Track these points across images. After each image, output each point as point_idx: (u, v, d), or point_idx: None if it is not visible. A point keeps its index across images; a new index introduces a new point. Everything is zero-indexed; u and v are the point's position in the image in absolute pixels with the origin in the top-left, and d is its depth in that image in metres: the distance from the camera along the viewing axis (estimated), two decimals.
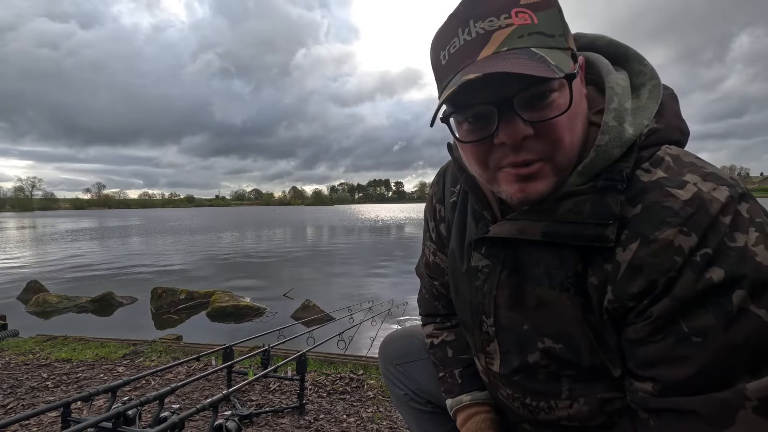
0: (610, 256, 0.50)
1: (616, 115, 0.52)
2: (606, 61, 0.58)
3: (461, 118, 0.53)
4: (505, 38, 0.48)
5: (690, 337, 0.45)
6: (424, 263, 0.88)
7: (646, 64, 0.57)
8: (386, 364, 0.98)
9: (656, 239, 0.46)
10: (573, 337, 0.56)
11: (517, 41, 0.48)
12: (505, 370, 0.65)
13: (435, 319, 0.88)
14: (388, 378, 0.97)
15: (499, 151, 0.52)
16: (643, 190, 0.49)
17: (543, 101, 0.49)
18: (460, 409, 0.77)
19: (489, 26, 0.48)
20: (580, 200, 0.51)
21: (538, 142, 0.50)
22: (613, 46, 0.60)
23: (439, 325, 0.87)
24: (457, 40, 0.50)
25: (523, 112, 0.49)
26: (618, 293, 0.50)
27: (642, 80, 0.57)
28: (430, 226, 0.82)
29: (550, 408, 0.62)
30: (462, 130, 0.55)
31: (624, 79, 0.56)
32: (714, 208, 0.44)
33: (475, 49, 0.49)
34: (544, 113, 0.49)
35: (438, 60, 0.54)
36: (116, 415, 1.12)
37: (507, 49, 0.47)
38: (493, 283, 0.62)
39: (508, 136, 0.50)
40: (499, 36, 0.48)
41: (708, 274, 0.43)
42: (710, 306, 0.43)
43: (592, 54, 0.60)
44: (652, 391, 0.49)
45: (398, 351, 0.97)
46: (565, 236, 0.52)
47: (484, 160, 0.54)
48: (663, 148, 0.52)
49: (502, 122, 0.50)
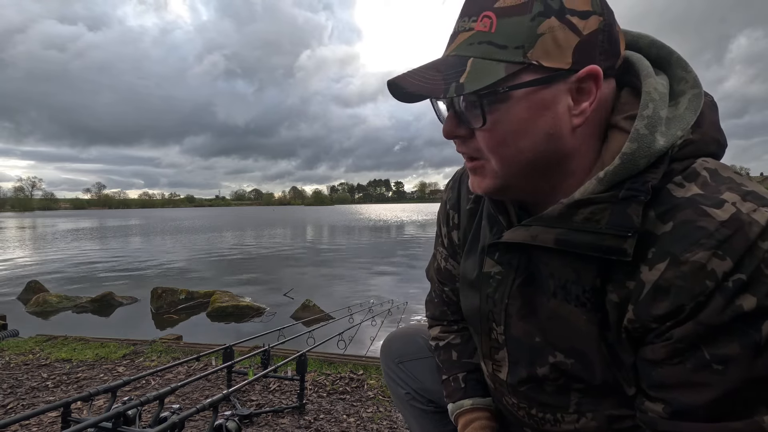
0: (633, 274, 0.47)
1: (649, 123, 0.48)
2: (647, 63, 0.53)
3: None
4: (460, 43, 0.49)
5: (711, 365, 0.43)
6: (435, 268, 0.86)
7: (690, 70, 0.53)
8: (388, 362, 0.97)
9: (687, 261, 0.43)
10: (586, 354, 0.54)
11: (466, 48, 0.49)
12: (513, 379, 0.64)
13: (442, 323, 0.87)
14: (390, 377, 0.96)
15: None
16: (676, 207, 0.45)
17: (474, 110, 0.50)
18: (461, 413, 0.76)
19: (461, 26, 0.50)
20: (599, 209, 0.48)
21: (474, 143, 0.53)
22: (656, 47, 0.56)
23: (446, 327, 0.86)
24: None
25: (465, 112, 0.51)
26: (640, 313, 0.47)
27: (683, 88, 0.53)
28: (443, 232, 0.80)
29: (556, 420, 0.61)
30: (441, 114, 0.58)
31: (664, 85, 0.52)
32: (753, 232, 0.41)
33: (448, 44, 0.52)
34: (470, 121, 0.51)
35: None
36: (116, 415, 1.12)
37: (453, 55, 0.50)
38: (505, 291, 0.61)
39: (444, 128, 0.54)
40: (460, 38, 0.50)
41: (739, 301, 0.41)
42: (737, 334, 0.41)
43: (634, 54, 0.55)
44: (662, 413, 0.47)
45: (401, 349, 0.96)
46: (579, 245, 0.49)
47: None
48: (699, 161, 0.49)
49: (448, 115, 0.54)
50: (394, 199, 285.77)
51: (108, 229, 28.75)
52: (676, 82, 0.54)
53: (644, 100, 0.50)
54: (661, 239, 0.45)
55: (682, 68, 0.54)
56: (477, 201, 0.71)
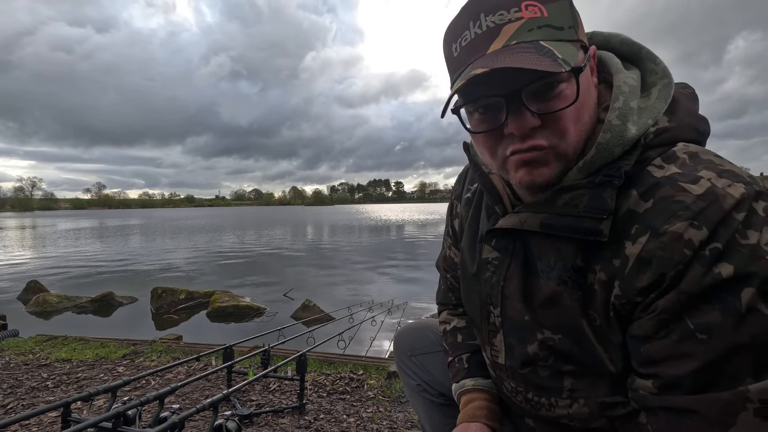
0: (618, 251, 0.50)
1: (620, 113, 0.52)
2: (617, 60, 0.59)
3: (472, 108, 0.55)
4: (515, 32, 0.49)
5: (695, 334, 0.44)
6: (442, 257, 0.91)
7: (659, 62, 0.57)
8: (401, 355, 1.00)
9: (666, 232, 0.45)
10: (570, 330, 0.56)
11: (526, 35, 0.49)
12: (510, 362, 0.66)
13: (448, 307, 0.92)
14: (402, 368, 1.00)
15: (507, 140, 0.54)
16: (656, 185, 0.48)
17: (550, 93, 0.50)
18: (462, 392, 0.78)
19: (499, 20, 0.50)
20: (578, 194, 0.52)
21: (544, 132, 0.52)
22: (626, 44, 0.60)
23: (452, 311, 0.90)
24: (468, 33, 0.52)
25: (531, 104, 0.50)
26: (625, 288, 0.49)
27: (653, 79, 0.57)
28: (448, 222, 0.86)
29: (550, 405, 0.62)
30: (473, 120, 0.57)
31: (634, 78, 0.57)
32: (727, 203, 0.43)
33: (485, 43, 0.50)
34: (551, 105, 0.50)
35: (450, 52, 0.56)
36: (116, 415, 1.12)
37: (516, 43, 0.49)
38: (501, 274, 0.63)
39: (516, 127, 0.51)
40: (509, 29, 0.49)
41: (717, 269, 0.42)
42: (717, 302, 0.42)
43: (605, 53, 0.60)
44: (652, 388, 0.48)
45: (413, 342, 0.99)
46: (561, 228, 0.53)
47: (494, 148, 0.56)
48: (680, 145, 0.52)
49: (510, 113, 0.51)
50: (394, 199, 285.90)
51: (108, 228, 28.75)
52: (647, 74, 0.58)
53: (615, 93, 0.54)
54: (642, 216, 0.48)
55: (651, 61, 0.58)
56: (474, 191, 0.75)
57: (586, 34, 0.61)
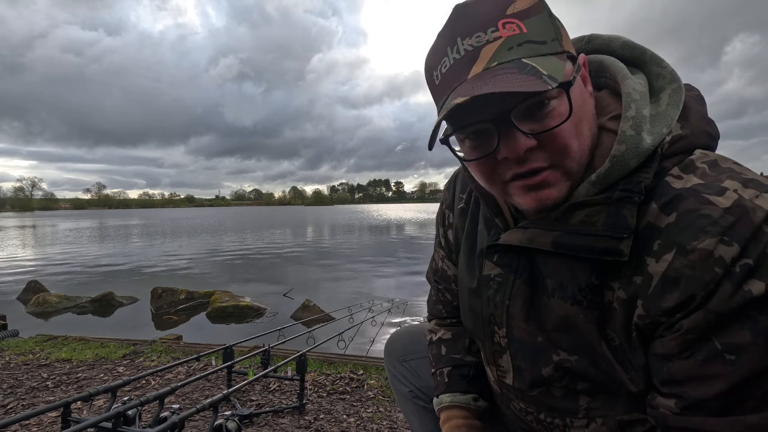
0: (640, 268, 0.47)
1: (634, 123, 0.49)
2: (621, 65, 0.55)
3: (462, 136, 0.52)
4: (494, 52, 0.46)
5: (722, 354, 0.42)
6: (432, 269, 0.87)
7: (665, 66, 0.54)
8: (392, 361, 0.98)
9: (695, 249, 0.42)
10: (588, 351, 0.53)
11: (506, 54, 0.46)
12: (519, 384, 0.63)
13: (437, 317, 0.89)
14: (393, 374, 0.97)
15: (503, 165, 0.51)
16: (678, 197, 0.45)
17: (542, 111, 0.47)
18: (440, 409, 0.78)
19: (477, 42, 0.47)
20: (594, 211, 0.49)
21: (543, 152, 0.48)
22: (628, 48, 0.57)
23: (440, 321, 0.88)
24: (447, 59, 0.49)
25: (522, 125, 0.47)
26: (650, 307, 0.46)
27: (661, 84, 0.54)
28: (440, 233, 0.81)
29: (565, 426, 0.60)
30: (465, 148, 0.54)
31: (642, 84, 0.53)
32: (758, 216, 0.41)
33: (465, 67, 0.48)
34: (545, 123, 0.47)
35: (432, 80, 0.53)
36: (116, 415, 1.12)
37: (497, 64, 0.46)
38: (506, 293, 0.60)
39: (509, 151, 0.48)
40: (488, 51, 0.46)
41: (747, 286, 0.40)
42: (747, 321, 0.40)
43: (607, 57, 0.57)
44: (674, 408, 0.46)
45: (405, 348, 0.97)
46: (577, 248, 0.49)
47: (491, 175, 0.53)
48: (697, 153, 0.49)
49: (502, 138, 0.48)
50: (394, 199, 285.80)
51: (108, 228, 28.75)
52: (654, 78, 0.55)
53: (626, 102, 0.51)
54: (665, 230, 0.45)
55: (657, 64, 0.54)
56: (468, 200, 0.72)
57: (584, 38, 0.59)
